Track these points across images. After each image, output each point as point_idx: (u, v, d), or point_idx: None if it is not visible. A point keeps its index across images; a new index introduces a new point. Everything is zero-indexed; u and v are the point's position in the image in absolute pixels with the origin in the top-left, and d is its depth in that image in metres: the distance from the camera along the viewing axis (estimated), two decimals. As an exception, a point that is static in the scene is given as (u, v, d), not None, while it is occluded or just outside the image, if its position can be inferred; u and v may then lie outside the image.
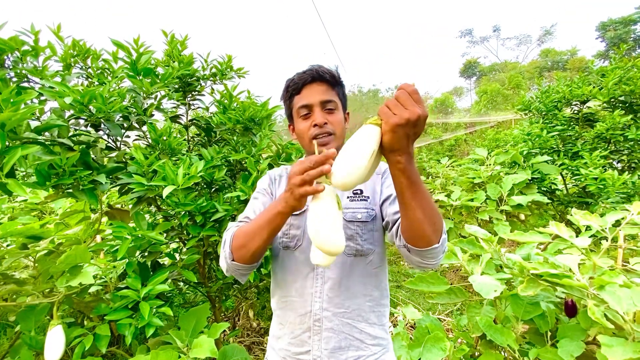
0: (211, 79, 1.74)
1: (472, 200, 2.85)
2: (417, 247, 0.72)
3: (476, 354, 1.50)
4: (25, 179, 1.42)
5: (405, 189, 0.63)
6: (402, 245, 0.77)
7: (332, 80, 0.91)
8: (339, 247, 0.61)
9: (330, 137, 0.89)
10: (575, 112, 3.44)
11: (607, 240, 1.44)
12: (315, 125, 0.88)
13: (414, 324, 2.19)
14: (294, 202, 0.66)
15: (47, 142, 1.07)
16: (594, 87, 3.17)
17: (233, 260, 0.82)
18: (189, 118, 1.74)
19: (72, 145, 1.12)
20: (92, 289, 1.44)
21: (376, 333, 0.91)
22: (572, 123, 3.39)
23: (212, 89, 1.77)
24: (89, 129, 1.27)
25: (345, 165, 0.59)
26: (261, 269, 1.71)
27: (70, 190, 1.14)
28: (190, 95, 1.71)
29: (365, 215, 0.89)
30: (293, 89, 0.92)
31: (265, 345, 2.37)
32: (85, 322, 1.43)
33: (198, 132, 1.81)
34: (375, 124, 0.60)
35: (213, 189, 1.59)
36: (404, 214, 0.69)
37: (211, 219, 1.38)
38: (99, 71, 1.45)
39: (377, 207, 0.91)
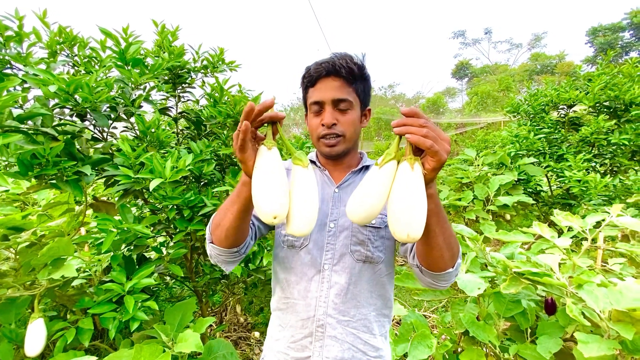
0: (202, 71, 1.71)
1: (459, 199, 2.89)
2: (431, 271, 0.72)
3: (459, 349, 1.53)
4: (8, 168, 1.38)
5: (433, 215, 0.61)
6: (416, 265, 0.76)
7: (348, 76, 0.83)
8: (265, 212, 0.58)
9: (339, 138, 0.85)
10: (562, 115, 3.53)
11: (587, 241, 1.48)
12: (323, 124, 0.84)
13: (400, 320, 2.22)
14: (240, 157, 0.62)
15: (30, 131, 1.04)
16: (580, 91, 3.24)
17: (211, 242, 0.78)
18: (179, 110, 1.71)
19: (57, 134, 1.10)
20: (76, 282, 1.41)
21: (378, 344, 0.88)
22: (558, 126, 3.48)
23: (203, 81, 1.74)
24: (74, 118, 1.24)
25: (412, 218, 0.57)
26: (249, 264, 1.70)
27: (54, 181, 1.11)
28: (180, 87, 1.69)
29: (379, 221, 0.86)
30: (308, 80, 0.86)
31: (251, 341, 2.38)
32: (69, 316, 1.40)
33: (188, 125, 1.78)
34: (411, 161, 0.57)
35: (202, 183, 1.57)
36: (425, 240, 0.65)
37: (199, 214, 1.37)
38: (85, 60, 1.41)
39: None
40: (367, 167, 0.95)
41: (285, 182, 0.60)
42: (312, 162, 0.99)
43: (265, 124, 0.64)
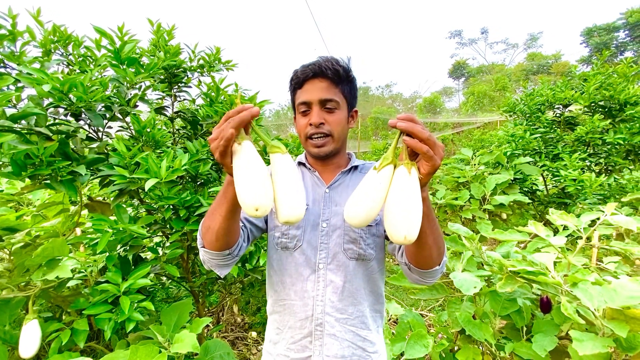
0: (198, 70, 1.71)
1: (456, 199, 2.90)
2: (419, 269, 0.76)
3: (455, 348, 1.54)
4: (2, 168, 1.37)
5: (425, 218, 0.62)
6: (404, 263, 0.79)
7: (334, 78, 0.85)
8: (247, 205, 0.57)
9: (327, 138, 0.87)
10: (558, 115, 3.55)
11: (582, 240, 1.49)
12: (310, 124, 0.85)
13: (397, 319, 2.23)
14: (219, 160, 0.60)
15: (23, 131, 1.03)
16: (575, 91, 3.27)
17: (203, 246, 0.78)
18: (175, 110, 1.71)
19: (51, 134, 1.09)
20: (71, 283, 1.40)
21: (374, 339, 0.90)
22: (554, 126, 3.50)
23: (199, 80, 1.73)
24: (68, 118, 1.23)
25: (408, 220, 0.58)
26: (246, 264, 1.70)
27: (48, 181, 1.10)
28: (176, 86, 1.68)
29: None
30: (296, 82, 0.88)
31: (248, 340, 2.37)
32: (64, 317, 1.39)
33: (184, 125, 1.78)
34: (408, 166, 0.59)
35: (198, 183, 1.57)
36: (416, 240, 0.66)
37: (195, 214, 1.36)
38: (80, 59, 1.40)
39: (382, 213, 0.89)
40: (355, 167, 0.96)
41: (264, 173, 0.60)
42: (302, 164, 1.00)
43: None
